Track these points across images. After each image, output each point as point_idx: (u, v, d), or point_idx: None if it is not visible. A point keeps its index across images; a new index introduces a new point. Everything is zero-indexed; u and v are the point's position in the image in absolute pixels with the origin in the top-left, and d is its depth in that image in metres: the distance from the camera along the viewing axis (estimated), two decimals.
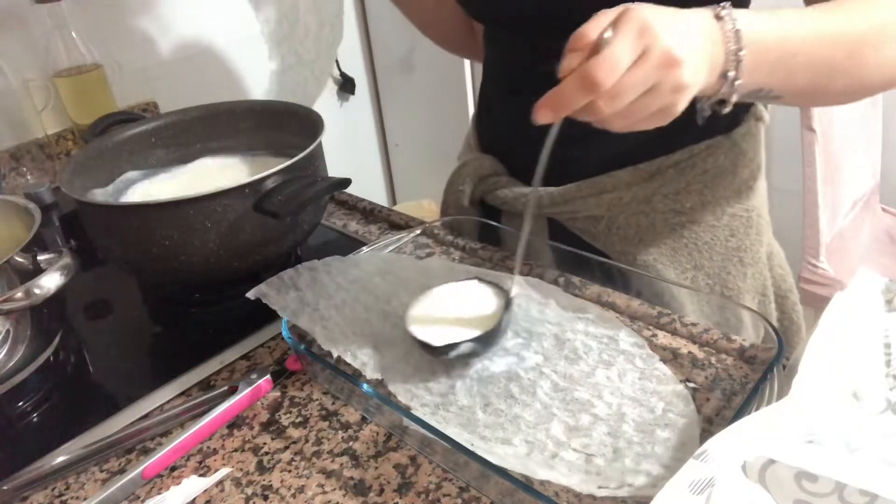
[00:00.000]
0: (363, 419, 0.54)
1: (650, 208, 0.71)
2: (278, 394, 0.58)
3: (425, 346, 0.54)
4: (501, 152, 0.80)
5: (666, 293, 0.61)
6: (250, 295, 0.59)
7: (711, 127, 0.68)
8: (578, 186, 0.72)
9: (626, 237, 0.72)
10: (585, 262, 0.64)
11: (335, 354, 0.57)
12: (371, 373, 0.56)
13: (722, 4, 0.48)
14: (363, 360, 0.57)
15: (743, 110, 0.72)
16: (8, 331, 0.56)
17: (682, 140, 0.70)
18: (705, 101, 0.50)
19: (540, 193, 0.73)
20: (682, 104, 0.45)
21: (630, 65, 0.43)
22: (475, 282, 0.61)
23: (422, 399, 0.53)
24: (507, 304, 0.57)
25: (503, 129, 0.80)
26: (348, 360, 0.57)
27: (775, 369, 0.48)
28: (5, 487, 0.50)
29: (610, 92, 0.43)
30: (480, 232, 0.74)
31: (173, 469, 0.51)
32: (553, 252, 0.68)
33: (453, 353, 0.53)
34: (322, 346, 0.58)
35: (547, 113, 0.45)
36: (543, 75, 0.48)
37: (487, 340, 0.55)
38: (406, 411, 0.48)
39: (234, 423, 0.55)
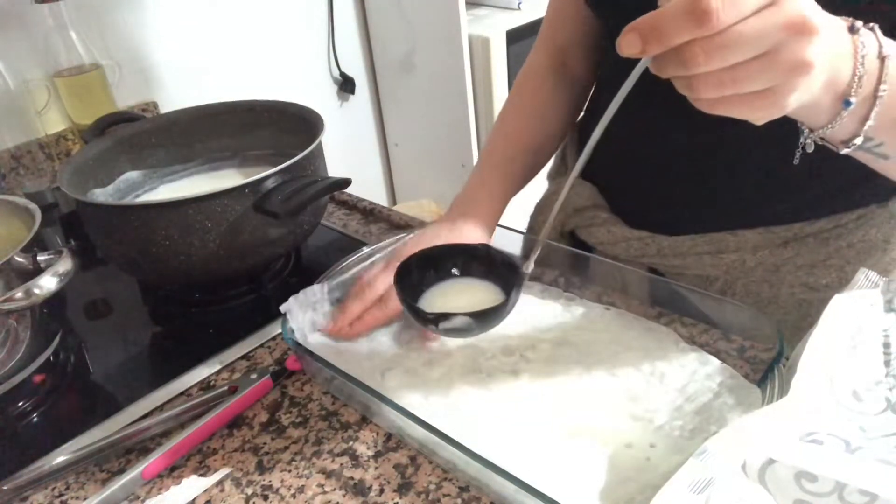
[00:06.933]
0: (363, 419, 0.54)
1: (777, 279, 0.62)
2: (278, 394, 0.58)
3: (419, 315, 0.52)
4: (604, 181, 0.69)
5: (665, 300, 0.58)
6: (282, 309, 0.58)
7: (867, 194, 0.60)
8: (694, 240, 0.63)
9: None
10: (584, 260, 0.64)
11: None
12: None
13: (869, 25, 0.39)
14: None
15: None
16: (8, 331, 0.56)
17: (830, 205, 0.60)
18: (812, 134, 0.41)
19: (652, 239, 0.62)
20: (793, 95, 0.35)
21: (753, 11, 0.33)
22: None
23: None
24: (517, 283, 0.52)
25: (612, 152, 0.63)
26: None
27: (775, 369, 0.48)
28: (5, 487, 0.50)
29: (718, 37, 0.33)
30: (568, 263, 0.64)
31: (173, 469, 0.51)
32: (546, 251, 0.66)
33: (445, 325, 0.51)
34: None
35: (635, 40, 0.34)
36: (667, 90, 0.39)
37: (483, 318, 0.51)
38: (406, 411, 0.47)
39: (234, 423, 0.55)
